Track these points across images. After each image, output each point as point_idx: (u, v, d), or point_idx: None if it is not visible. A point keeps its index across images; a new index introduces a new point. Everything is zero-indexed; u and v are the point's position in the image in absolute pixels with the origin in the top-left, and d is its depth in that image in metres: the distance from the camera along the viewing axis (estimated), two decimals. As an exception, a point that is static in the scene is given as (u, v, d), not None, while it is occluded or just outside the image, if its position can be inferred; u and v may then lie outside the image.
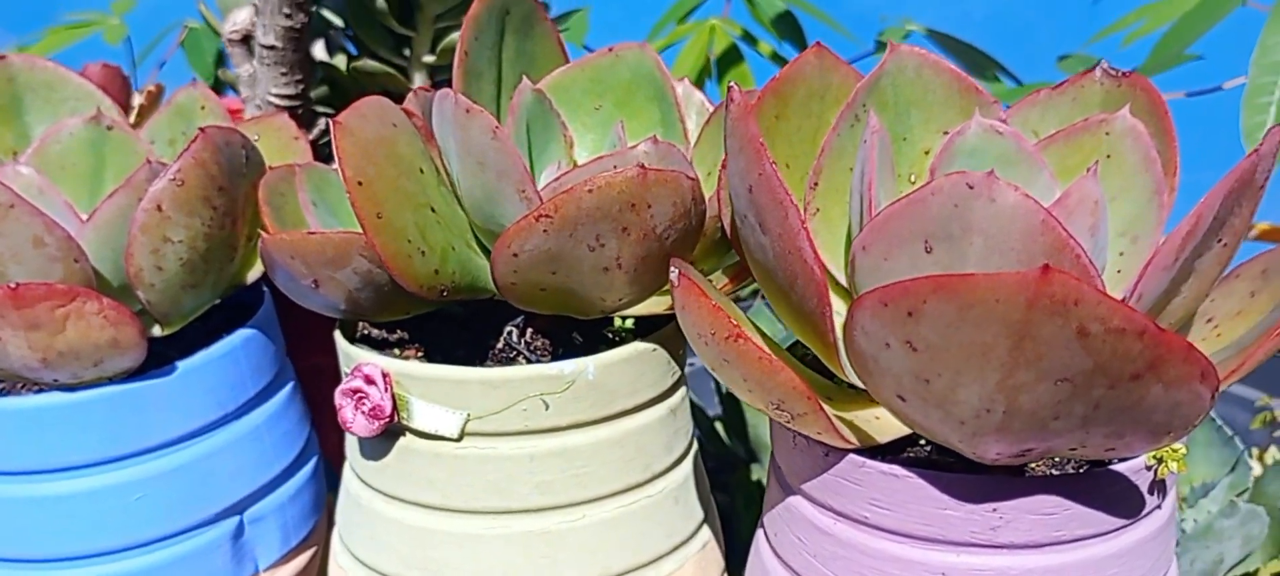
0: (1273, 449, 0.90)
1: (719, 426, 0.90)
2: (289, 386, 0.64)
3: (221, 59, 1.13)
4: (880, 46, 1.22)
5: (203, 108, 0.63)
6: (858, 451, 0.44)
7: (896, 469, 0.43)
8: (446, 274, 0.50)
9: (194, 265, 0.55)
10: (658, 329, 0.56)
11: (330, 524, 0.66)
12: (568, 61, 0.60)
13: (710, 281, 0.56)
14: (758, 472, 0.94)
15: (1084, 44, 1.17)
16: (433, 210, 0.50)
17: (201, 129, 0.53)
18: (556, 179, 0.50)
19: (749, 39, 1.16)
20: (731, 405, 0.89)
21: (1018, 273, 0.33)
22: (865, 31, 1.22)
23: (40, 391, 0.55)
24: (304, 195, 0.55)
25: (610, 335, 0.57)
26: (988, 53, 1.17)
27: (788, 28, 1.19)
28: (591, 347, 0.56)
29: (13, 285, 0.49)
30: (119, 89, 0.80)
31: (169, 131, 0.64)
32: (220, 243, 0.56)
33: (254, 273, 0.63)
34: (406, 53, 0.84)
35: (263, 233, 0.51)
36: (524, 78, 0.55)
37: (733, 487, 0.92)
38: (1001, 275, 0.33)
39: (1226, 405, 1.00)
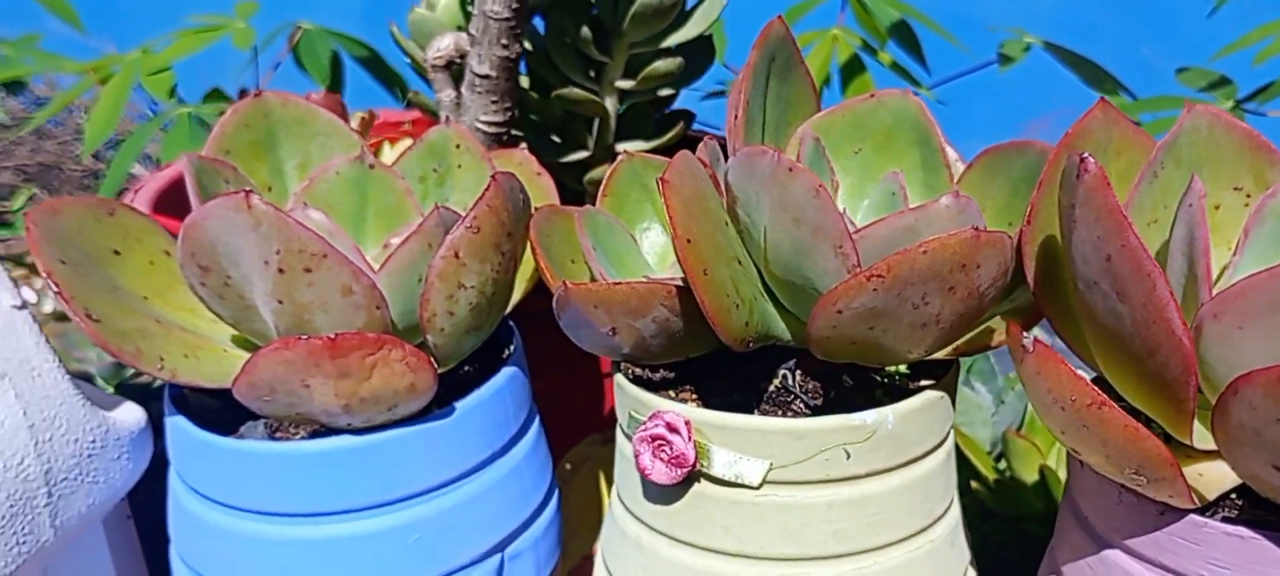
0: None
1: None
2: (537, 419, 0.65)
3: (397, 76, 1.14)
4: (1003, 59, 1.22)
5: (458, 146, 0.64)
6: (1198, 511, 0.44)
7: (1242, 530, 0.43)
8: (754, 325, 0.51)
9: (480, 309, 0.55)
10: (932, 372, 0.57)
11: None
12: (818, 103, 0.60)
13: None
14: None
15: (1208, 59, 1.16)
16: (739, 263, 0.51)
17: (494, 176, 0.54)
18: (865, 228, 0.50)
19: (870, 49, 1.16)
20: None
21: None
22: (971, 40, 1.21)
23: (316, 435, 0.56)
24: (586, 241, 0.56)
25: (881, 378, 0.58)
26: (1104, 67, 1.16)
27: (904, 37, 1.19)
28: (862, 389, 0.56)
29: (331, 336, 0.50)
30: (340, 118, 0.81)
31: (419, 168, 0.65)
32: (503, 286, 0.57)
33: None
34: (592, 74, 0.85)
35: (566, 283, 0.52)
36: (804, 126, 0.55)
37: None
38: None
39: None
